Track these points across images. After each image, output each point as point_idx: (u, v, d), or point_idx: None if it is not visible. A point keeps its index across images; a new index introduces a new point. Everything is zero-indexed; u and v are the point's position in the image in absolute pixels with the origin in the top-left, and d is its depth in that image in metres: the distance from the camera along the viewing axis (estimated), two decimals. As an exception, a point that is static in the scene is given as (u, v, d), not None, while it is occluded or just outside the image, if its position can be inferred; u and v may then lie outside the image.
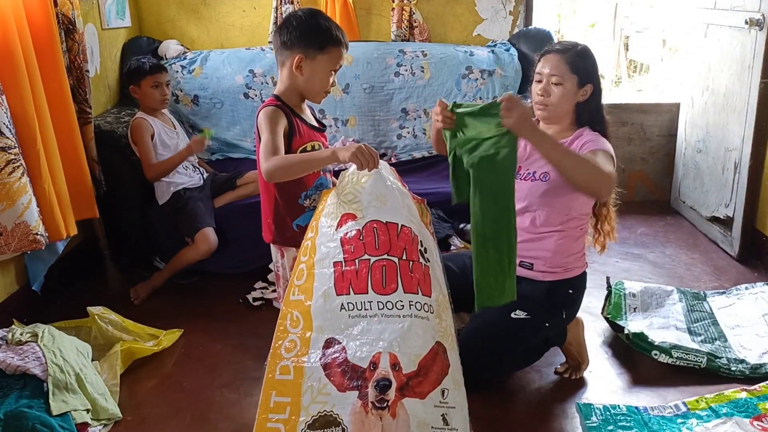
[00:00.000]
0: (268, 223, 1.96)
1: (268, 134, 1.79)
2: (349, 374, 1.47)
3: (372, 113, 3.42)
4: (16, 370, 1.82)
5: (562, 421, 1.95)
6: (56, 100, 2.37)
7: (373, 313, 1.51)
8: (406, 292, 1.52)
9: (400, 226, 1.59)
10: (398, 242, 1.57)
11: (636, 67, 5.85)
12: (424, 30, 3.62)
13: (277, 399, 1.50)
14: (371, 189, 1.61)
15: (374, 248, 1.55)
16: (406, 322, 1.50)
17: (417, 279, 1.55)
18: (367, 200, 1.60)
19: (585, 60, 1.97)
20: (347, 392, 1.46)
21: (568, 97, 1.96)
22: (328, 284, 1.54)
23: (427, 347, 1.50)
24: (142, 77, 2.81)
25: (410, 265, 1.56)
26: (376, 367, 1.46)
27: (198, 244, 2.70)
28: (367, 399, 1.44)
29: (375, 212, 1.58)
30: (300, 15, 1.88)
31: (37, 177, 2.21)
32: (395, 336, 1.48)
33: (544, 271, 1.99)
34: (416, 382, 1.47)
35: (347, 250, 1.55)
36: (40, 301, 2.54)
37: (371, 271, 1.53)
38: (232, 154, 3.41)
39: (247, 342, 2.37)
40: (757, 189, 2.93)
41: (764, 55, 2.78)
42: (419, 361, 1.48)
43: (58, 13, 2.43)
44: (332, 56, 1.86)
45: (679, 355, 2.16)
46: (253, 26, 3.67)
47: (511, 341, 2.00)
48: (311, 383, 1.49)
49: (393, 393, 1.44)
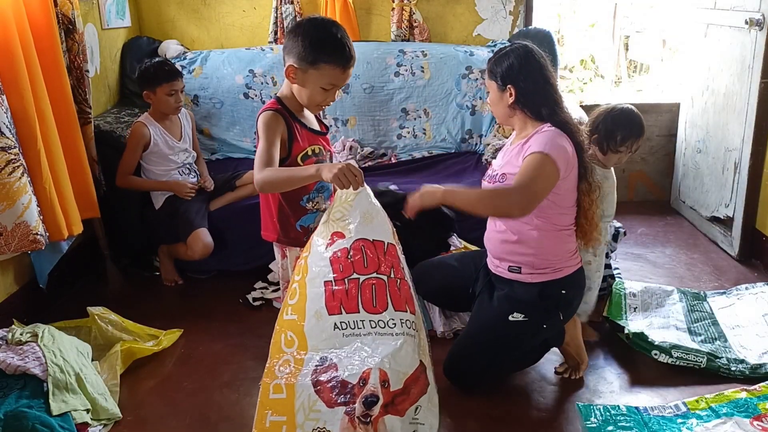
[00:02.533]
0: (273, 222, 1.95)
1: (263, 144, 1.77)
2: (337, 390, 1.48)
3: (372, 113, 3.42)
4: (16, 370, 1.82)
5: (562, 421, 1.95)
6: (57, 100, 2.37)
7: (366, 332, 1.52)
8: (396, 311, 1.53)
9: (387, 244, 1.59)
10: (386, 260, 1.58)
11: (636, 67, 5.84)
12: (424, 30, 3.62)
13: (273, 419, 1.52)
14: (358, 207, 1.61)
15: (363, 267, 1.56)
16: (399, 341, 1.51)
17: (405, 297, 1.56)
18: (354, 219, 1.60)
19: (501, 63, 1.95)
20: (335, 408, 1.48)
21: (495, 103, 2.00)
22: (319, 304, 1.54)
23: (414, 366, 1.53)
24: (159, 84, 2.73)
25: (398, 283, 1.57)
26: (366, 383, 1.47)
27: (192, 246, 2.70)
28: (354, 414, 1.46)
29: (362, 231, 1.59)
30: (307, 24, 1.81)
31: (38, 177, 2.21)
32: (387, 353, 1.49)
33: (532, 273, 1.98)
34: (400, 400, 1.49)
35: (336, 269, 1.55)
36: (40, 301, 2.54)
37: (361, 291, 1.53)
38: (232, 154, 3.41)
39: (247, 342, 2.37)
40: (757, 189, 2.93)
41: (764, 55, 2.78)
42: (405, 380, 1.50)
43: (58, 13, 2.43)
44: (324, 74, 1.77)
45: (679, 354, 2.16)
46: (253, 26, 3.67)
47: (509, 344, 2.00)
48: (302, 400, 1.50)
49: (378, 409, 1.46)
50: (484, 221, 2.13)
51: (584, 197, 1.97)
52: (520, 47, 1.97)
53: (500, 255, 2.03)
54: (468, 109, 3.39)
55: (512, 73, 1.93)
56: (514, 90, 1.93)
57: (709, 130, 3.31)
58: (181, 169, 2.87)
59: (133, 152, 2.76)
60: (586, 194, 1.97)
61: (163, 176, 2.83)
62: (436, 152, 3.38)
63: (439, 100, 3.40)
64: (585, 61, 5.82)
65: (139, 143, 2.75)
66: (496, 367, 2.05)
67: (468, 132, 3.38)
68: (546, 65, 1.96)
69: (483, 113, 3.37)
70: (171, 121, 2.87)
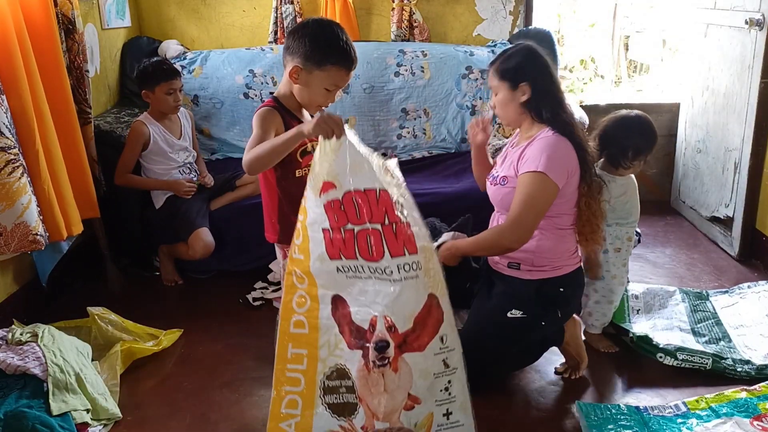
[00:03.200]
0: (272, 223, 1.96)
1: (255, 132, 1.81)
2: (355, 333, 1.57)
3: (372, 113, 3.42)
4: (16, 370, 1.82)
5: (562, 421, 1.95)
6: (57, 100, 2.37)
7: (367, 276, 1.56)
8: (393, 257, 1.54)
9: (379, 190, 1.56)
10: (378, 207, 1.56)
11: (636, 67, 5.84)
12: (424, 30, 3.62)
13: (294, 351, 1.63)
14: (344, 158, 1.58)
15: (356, 218, 1.56)
16: (397, 287, 1.53)
17: (402, 240, 1.55)
18: (342, 170, 1.57)
19: (512, 62, 1.95)
20: (354, 350, 1.58)
21: (506, 103, 1.98)
22: (320, 249, 1.58)
23: (421, 303, 1.56)
24: (157, 83, 2.74)
25: (394, 228, 1.55)
26: (374, 329, 1.54)
27: (193, 246, 2.70)
28: (369, 358, 1.55)
29: (352, 182, 1.56)
30: (312, 25, 1.82)
31: (37, 177, 2.21)
32: (388, 300, 1.54)
33: (531, 270, 1.99)
34: (414, 337, 1.56)
35: (331, 218, 1.57)
36: (40, 301, 2.54)
37: (357, 240, 1.55)
38: (232, 154, 3.41)
39: (247, 342, 2.37)
40: (757, 189, 2.93)
41: (764, 55, 2.78)
42: (414, 318, 1.55)
43: (58, 13, 2.43)
44: (330, 75, 1.80)
45: (685, 357, 2.15)
46: (253, 26, 3.67)
47: (508, 340, 2.00)
48: (327, 338, 1.61)
49: (392, 351, 1.54)
50: (484, 222, 2.14)
51: (582, 198, 1.96)
52: (524, 46, 1.98)
53: None
54: (468, 109, 3.39)
55: (525, 70, 1.94)
56: (528, 87, 1.93)
57: (709, 130, 3.31)
58: (182, 169, 2.87)
59: (132, 150, 2.76)
60: (585, 195, 1.96)
61: (164, 176, 2.83)
62: (436, 152, 3.38)
63: (439, 100, 3.40)
64: (585, 61, 5.82)
65: (138, 141, 2.76)
66: (496, 364, 2.05)
67: (468, 132, 3.38)
68: (550, 64, 1.98)
69: (483, 113, 3.37)
70: (170, 120, 2.87)
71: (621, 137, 2.16)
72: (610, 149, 2.18)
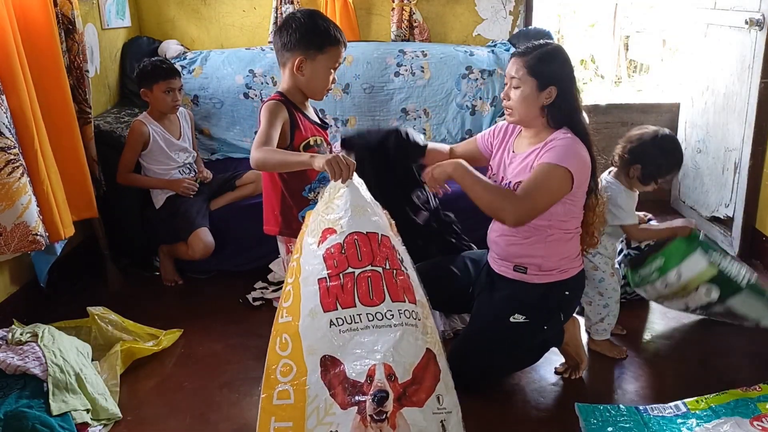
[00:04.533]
0: (275, 215, 2.00)
1: (264, 124, 1.85)
2: (349, 390, 1.45)
3: (372, 113, 3.42)
4: (16, 370, 1.82)
5: (562, 421, 1.94)
6: (56, 100, 2.37)
7: (364, 326, 1.49)
8: (393, 301, 1.51)
9: (381, 235, 1.57)
10: (380, 252, 1.56)
11: (636, 67, 5.85)
12: (424, 30, 3.62)
13: (278, 425, 1.47)
14: (348, 201, 1.59)
15: (357, 260, 1.53)
16: (398, 332, 1.48)
17: (402, 287, 1.54)
18: (345, 213, 1.59)
19: (547, 62, 1.89)
20: (348, 409, 1.44)
21: (528, 100, 1.90)
22: (314, 302, 1.52)
23: (420, 354, 1.49)
24: (155, 81, 2.75)
25: (394, 274, 1.55)
26: (373, 380, 1.44)
27: (193, 246, 2.70)
28: (365, 413, 1.42)
29: (354, 224, 1.57)
30: (299, 17, 1.94)
31: (37, 177, 2.20)
32: (388, 346, 1.46)
33: (539, 274, 1.98)
34: (413, 390, 1.46)
35: (330, 266, 1.53)
36: (40, 301, 2.54)
37: (357, 284, 1.51)
38: (232, 154, 3.41)
39: (247, 342, 2.37)
40: (757, 189, 2.93)
41: (764, 55, 2.78)
42: (413, 369, 1.47)
43: (58, 13, 2.43)
44: (331, 55, 1.94)
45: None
46: (253, 26, 3.67)
47: (509, 345, 2.00)
48: (317, 404, 1.46)
49: (391, 404, 1.43)
50: (485, 222, 2.13)
51: (589, 212, 1.99)
52: (560, 48, 1.95)
53: (507, 256, 2.02)
54: (468, 109, 3.39)
55: (556, 75, 1.89)
56: (555, 91, 1.89)
57: (709, 130, 3.31)
58: (182, 169, 2.88)
59: (132, 150, 2.77)
60: (592, 209, 1.99)
61: (164, 176, 2.84)
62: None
63: (439, 100, 3.40)
64: (585, 61, 5.83)
65: (138, 141, 2.76)
66: (496, 367, 2.05)
67: (468, 132, 3.38)
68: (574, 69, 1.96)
69: (483, 113, 3.37)
70: (170, 120, 2.88)
71: (660, 158, 2.20)
72: (647, 167, 2.19)
